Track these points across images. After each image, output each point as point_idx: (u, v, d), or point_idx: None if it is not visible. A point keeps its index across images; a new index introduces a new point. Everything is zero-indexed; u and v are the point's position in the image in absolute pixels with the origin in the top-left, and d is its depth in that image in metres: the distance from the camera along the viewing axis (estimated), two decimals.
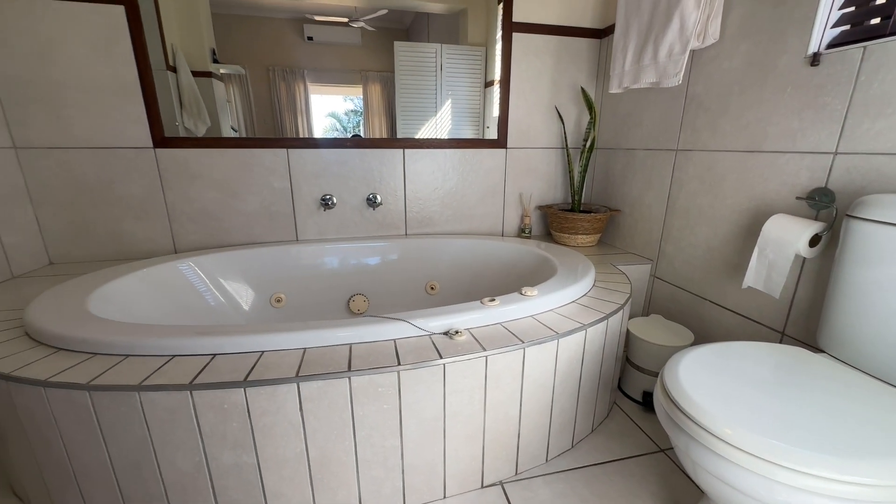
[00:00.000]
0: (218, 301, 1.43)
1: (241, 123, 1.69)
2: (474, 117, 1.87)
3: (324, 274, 1.64)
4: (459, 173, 1.79)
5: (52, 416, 0.78)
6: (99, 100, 1.41)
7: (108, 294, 1.13)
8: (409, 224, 1.80)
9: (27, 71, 1.34)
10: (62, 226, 1.50)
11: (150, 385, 0.75)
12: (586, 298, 1.16)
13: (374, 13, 1.70)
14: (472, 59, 1.81)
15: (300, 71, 1.71)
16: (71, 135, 1.42)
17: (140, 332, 0.87)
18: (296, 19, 1.67)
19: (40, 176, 1.44)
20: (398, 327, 0.92)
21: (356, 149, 1.66)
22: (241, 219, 1.62)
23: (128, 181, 1.50)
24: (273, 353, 0.86)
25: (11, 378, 0.78)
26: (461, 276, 1.69)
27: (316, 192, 1.66)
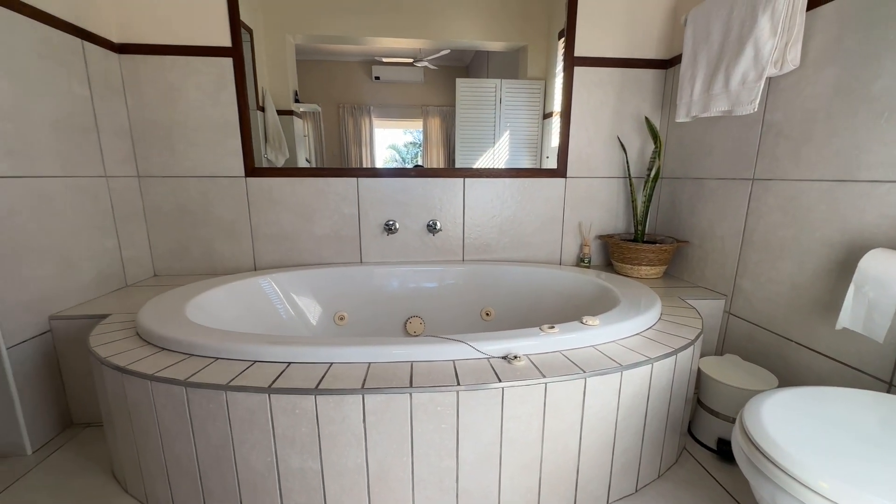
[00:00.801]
0: (290, 315, 1.55)
1: (313, 155, 1.87)
2: (532, 147, 1.91)
3: (384, 295, 1.72)
4: (517, 202, 1.82)
5: (154, 408, 0.89)
6: (206, 136, 1.64)
7: (201, 303, 1.28)
8: (467, 250, 1.84)
9: (154, 113, 1.61)
10: (167, 243, 1.72)
11: (235, 386, 0.83)
12: (652, 332, 1.11)
13: (437, 53, 1.84)
14: (531, 92, 1.87)
15: (367, 107, 1.88)
16: (181, 166, 1.66)
17: (227, 339, 0.97)
18: (366, 62, 1.85)
19: (154, 200, 1.68)
20: (458, 349, 0.94)
21: (419, 178, 1.76)
22: (312, 241, 1.77)
23: (222, 206, 1.71)
24: (341, 365, 0.91)
25: (126, 371, 0.90)
26: (517, 303, 1.69)
27: (381, 217, 1.77)
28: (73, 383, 1.31)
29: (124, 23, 1.53)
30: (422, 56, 1.85)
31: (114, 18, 1.52)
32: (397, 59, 1.86)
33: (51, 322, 1.26)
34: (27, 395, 1.19)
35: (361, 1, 1.71)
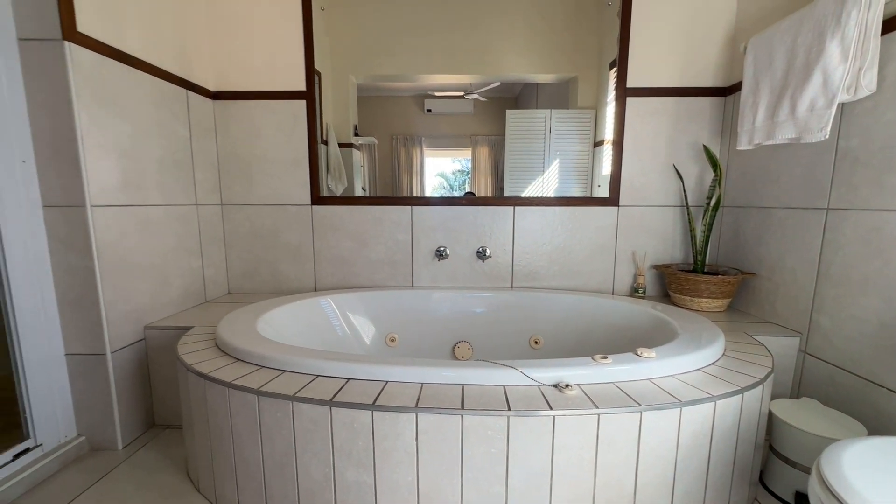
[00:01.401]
0: (346, 333, 1.64)
1: (368, 183, 2.01)
2: (583, 176, 1.92)
3: (433, 319, 1.77)
4: (568, 230, 1.82)
5: (229, 413, 0.98)
6: (279, 169, 1.83)
7: (269, 319, 1.39)
8: (516, 277, 1.86)
9: (238, 149, 1.83)
10: (241, 264, 1.91)
11: (301, 397, 0.91)
12: (715, 368, 1.05)
13: (487, 86, 1.93)
14: (582, 121, 1.90)
15: (418, 138, 2.00)
16: (257, 195, 1.85)
17: (293, 353, 1.06)
18: (419, 96, 1.98)
19: (233, 226, 1.88)
20: (508, 374, 0.95)
21: (469, 206, 1.82)
22: (368, 265, 1.87)
23: (289, 231, 1.87)
24: (396, 383, 0.96)
25: (207, 377, 1.01)
26: (567, 332, 1.66)
27: (432, 244, 1.84)
28: (158, 388, 1.46)
29: (219, 74, 1.78)
30: (472, 89, 1.96)
31: (211, 71, 1.78)
32: (449, 92, 1.98)
33: (145, 331, 1.44)
34: (122, 396, 1.35)
35: (417, 42, 1.86)
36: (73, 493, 1.14)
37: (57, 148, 1.18)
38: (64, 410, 1.30)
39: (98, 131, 1.24)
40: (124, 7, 1.33)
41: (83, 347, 1.29)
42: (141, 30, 1.40)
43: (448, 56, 1.86)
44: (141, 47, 1.40)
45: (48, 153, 1.19)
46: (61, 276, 1.25)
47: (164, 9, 1.51)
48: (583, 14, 1.80)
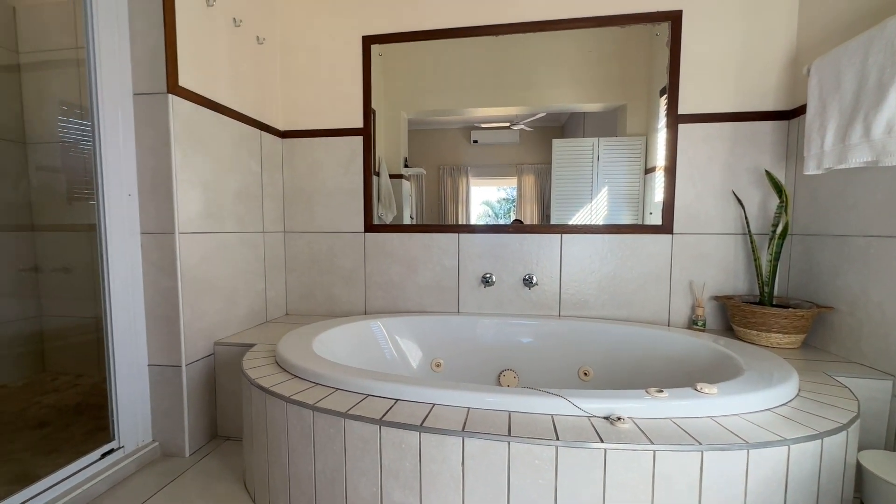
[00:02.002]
0: (393, 356, 1.68)
1: (415, 212, 2.10)
2: (633, 203, 1.88)
3: (478, 346, 1.77)
4: (618, 258, 1.78)
5: (286, 426, 1.04)
6: (337, 199, 1.97)
7: (324, 340, 1.47)
8: (564, 305, 1.82)
9: (301, 182, 2.00)
10: (298, 287, 2.04)
11: (352, 414, 0.95)
12: (787, 409, 0.96)
13: (533, 117, 1.98)
14: (632, 148, 1.88)
15: (464, 167, 2.07)
16: (316, 223, 2.00)
17: (346, 372, 1.11)
18: (465, 128, 2.07)
19: (293, 252, 2.03)
20: (556, 403, 0.94)
21: (516, 234, 1.84)
22: (416, 290, 1.93)
23: (343, 257, 1.99)
24: (443, 406, 0.97)
25: (269, 391, 1.09)
26: (618, 364, 1.59)
27: (478, 270, 1.87)
28: (222, 401, 1.58)
29: (288, 116, 1.98)
30: (518, 120, 2.01)
31: (281, 113, 1.99)
32: (495, 124, 2.05)
33: (215, 347, 1.57)
34: (192, 407, 1.47)
35: (465, 79, 1.96)
36: (147, 494, 1.25)
37: (156, 183, 1.37)
38: (143, 417, 1.44)
39: (188, 168, 1.43)
40: (216, 63, 1.55)
41: (163, 359, 1.43)
42: (227, 81, 1.61)
43: (495, 90, 1.95)
44: (227, 96, 1.61)
45: (149, 187, 1.38)
46: (150, 294, 1.41)
47: (246, 63, 1.73)
48: (630, 45, 1.82)
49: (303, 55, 1.96)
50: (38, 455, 1.46)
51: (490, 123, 2.06)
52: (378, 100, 1.98)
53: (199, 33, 1.46)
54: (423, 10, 1.86)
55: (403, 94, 2.03)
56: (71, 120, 2.25)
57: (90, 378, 2.20)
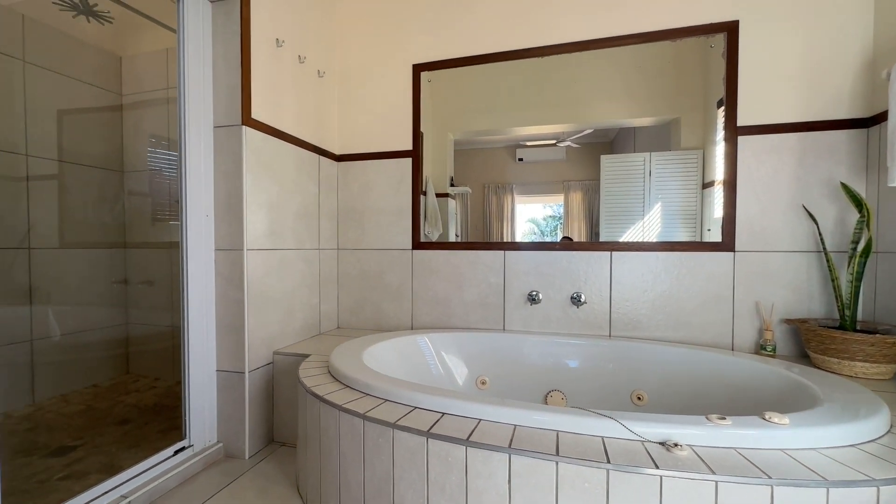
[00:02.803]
0: (439, 371, 1.70)
1: (460, 230, 2.13)
2: (689, 219, 1.79)
3: (524, 365, 1.74)
4: (673, 277, 1.69)
5: (338, 434, 1.09)
6: (386, 218, 2.06)
7: (373, 352, 1.53)
8: (614, 325, 1.76)
9: (354, 202, 2.12)
10: (349, 302, 2.14)
11: (401, 425, 0.97)
12: (876, 446, 0.86)
13: (579, 133, 1.96)
14: (686, 162, 1.81)
15: (509, 185, 2.08)
16: (366, 240, 2.10)
17: (394, 384, 1.15)
18: (511, 146, 2.09)
19: (345, 268, 2.14)
20: (606, 425, 0.91)
21: (563, 251, 1.82)
22: (461, 307, 1.95)
23: (391, 273, 2.06)
24: (489, 423, 0.98)
25: (323, 399, 1.15)
26: (676, 389, 1.50)
27: (524, 287, 1.86)
28: (279, 407, 1.67)
29: (344, 140, 2.13)
30: (565, 137, 2.01)
31: (337, 139, 2.14)
32: (540, 142, 2.05)
33: (273, 356, 1.68)
34: (252, 412, 1.57)
35: (512, 100, 2.00)
36: (211, 492, 1.34)
37: (229, 205, 1.53)
38: (210, 419, 1.56)
39: (256, 190, 1.57)
40: (282, 96, 1.71)
41: (229, 365, 1.55)
42: (291, 112, 1.77)
43: (541, 109, 1.97)
44: (290, 125, 1.77)
45: (223, 209, 1.54)
46: (221, 305, 1.55)
47: (308, 95, 1.89)
48: (682, 58, 1.78)
49: (358, 85, 2.11)
50: (122, 448, 1.62)
51: (535, 141, 2.07)
52: (426, 122, 2.06)
53: (269, 71, 1.63)
54: (469, 37, 1.94)
55: (450, 116, 2.11)
56: (158, 151, 2.56)
57: (165, 381, 2.42)
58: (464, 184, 2.14)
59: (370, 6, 2.09)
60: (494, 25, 1.91)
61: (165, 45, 2.38)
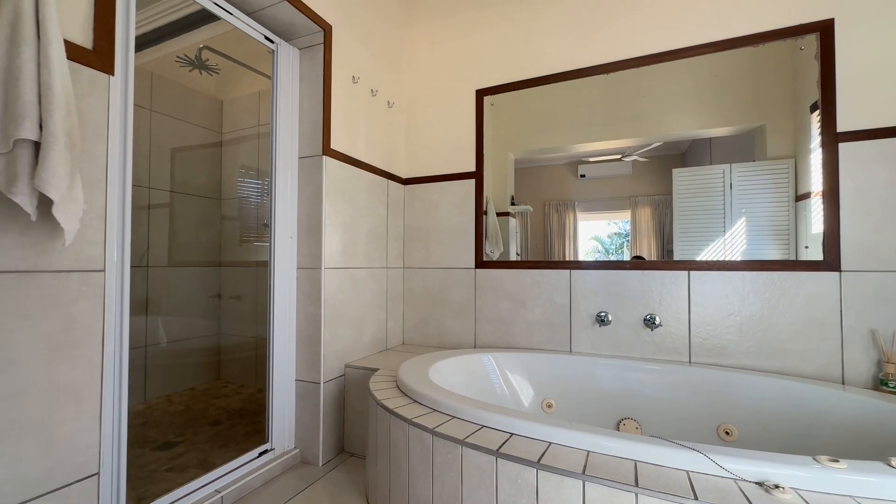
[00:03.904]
0: (504, 392, 1.68)
1: (521, 248, 2.11)
2: (780, 235, 1.63)
3: (593, 389, 1.67)
4: (765, 299, 1.54)
5: (408, 447, 1.12)
6: (450, 237, 2.12)
7: (438, 369, 1.56)
8: (694, 351, 1.62)
9: (419, 222, 2.21)
10: (414, 319, 2.20)
11: (469, 443, 0.98)
12: None
13: (647, 147, 1.87)
14: (775, 173, 1.65)
15: (571, 203, 2.02)
16: (431, 259, 2.17)
17: (462, 402, 1.16)
18: (572, 162, 2.04)
19: (410, 286, 2.22)
20: (692, 458, 0.84)
21: (634, 270, 1.73)
22: (525, 326, 1.92)
23: (455, 291, 2.10)
24: (559, 446, 0.95)
25: (393, 413, 1.19)
26: (771, 425, 1.34)
27: (592, 308, 1.79)
28: (350, 419, 1.75)
29: (410, 164, 2.25)
30: (631, 151, 1.93)
31: (404, 163, 2.26)
32: (604, 157, 1.99)
33: (345, 369, 1.77)
34: (326, 421, 1.67)
35: (574, 117, 1.97)
36: (289, 495, 1.43)
37: (310, 227, 1.68)
38: (289, 425, 1.68)
39: (333, 214, 1.71)
40: (356, 127, 1.87)
41: (306, 376, 1.67)
42: (364, 140, 1.92)
43: (605, 125, 1.92)
44: (363, 152, 1.91)
45: (305, 231, 1.69)
46: (301, 319, 1.69)
47: (379, 124, 2.04)
48: (767, 63, 1.65)
49: (424, 112, 2.23)
50: (214, 447, 1.79)
51: (598, 157, 2.01)
52: (486, 142, 2.11)
53: (345, 105, 1.79)
54: (533, 60, 1.98)
55: (511, 136, 2.13)
56: (246, 180, 2.89)
57: (248, 388, 2.65)
58: (524, 202, 2.14)
59: (436, 37, 2.22)
60: (559, 47, 1.93)
61: (258, 88, 2.72)
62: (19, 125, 0.72)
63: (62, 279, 0.89)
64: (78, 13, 0.93)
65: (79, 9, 0.93)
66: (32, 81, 0.75)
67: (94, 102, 0.95)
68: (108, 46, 0.98)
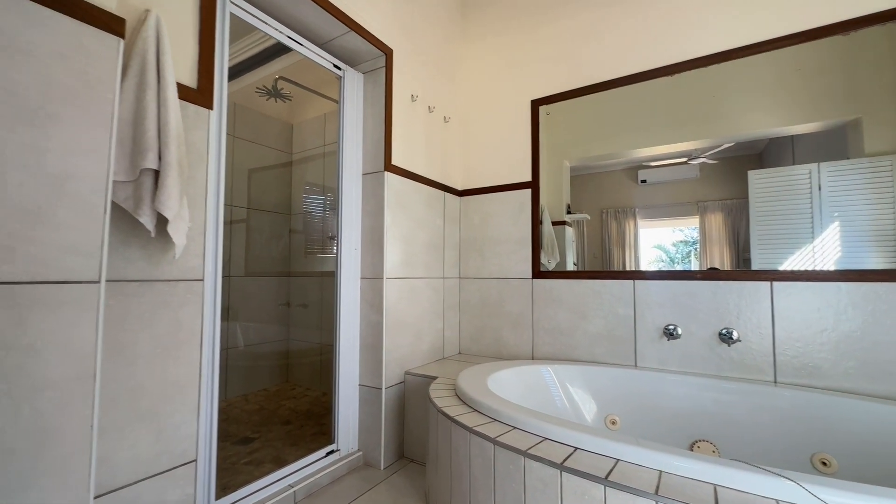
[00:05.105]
0: (564, 405, 1.64)
1: (578, 258, 2.04)
2: (884, 242, 1.44)
3: (663, 407, 1.57)
4: (866, 313, 1.37)
5: (469, 456, 1.13)
6: (506, 248, 2.12)
7: (497, 379, 1.56)
8: (781, 370, 1.48)
9: (474, 233, 2.24)
10: (470, 329, 2.22)
11: (532, 454, 0.97)
12: None
13: (717, 148, 1.75)
14: (874, 171, 1.48)
15: (631, 210, 1.93)
16: (486, 269, 2.18)
17: (523, 413, 1.15)
18: (632, 168, 1.95)
19: (466, 296, 2.24)
20: (782, 486, 0.77)
21: (706, 280, 1.62)
22: (586, 338, 1.86)
23: (511, 301, 2.09)
24: (628, 464, 0.91)
25: (454, 420, 1.21)
26: (881, 458, 1.17)
27: (659, 321, 1.70)
28: (410, 425, 1.80)
29: (466, 176, 2.29)
30: (698, 153, 1.81)
31: (460, 176, 2.31)
32: (667, 161, 1.88)
33: (405, 376, 1.83)
34: (388, 426, 1.73)
35: (632, 121, 1.89)
36: (353, 495, 1.50)
37: (373, 239, 1.77)
38: (353, 428, 1.76)
39: (394, 226, 1.79)
40: (415, 143, 1.95)
41: (369, 381, 1.75)
42: (422, 155, 2.00)
43: (668, 128, 1.83)
44: (421, 166, 1.99)
45: (368, 243, 1.78)
46: (364, 327, 1.77)
47: (435, 138, 2.11)
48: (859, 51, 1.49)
49: (479, 125, 2.27)
50: (286, 445, 1.92)
51: (661, 161, 1.91)
52: (542, 152, 2.09)
53: (405, 122, 1.88)
54: (591, 66, 1.95)
55: (567, 143, 2.10)
56: (311, 196, 3.11)
57: (313, 391, 2.81)
58: (580, 210, 2.08)
59: (490, 50, 2.27)
60: (619, 51, 1.89)
61: (324, 111, 2.93)
62: (145, 157, 0.85)
63: (171, 287, 1.02)
64: (186, 58, 1.08)
65: (187, 54, 1.09)
66: (154, 119, 0.89)
67: (198, 134, 1.10)
68: (209, 84, 1.13)
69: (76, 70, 0.71)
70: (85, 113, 0.72)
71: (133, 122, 0.87)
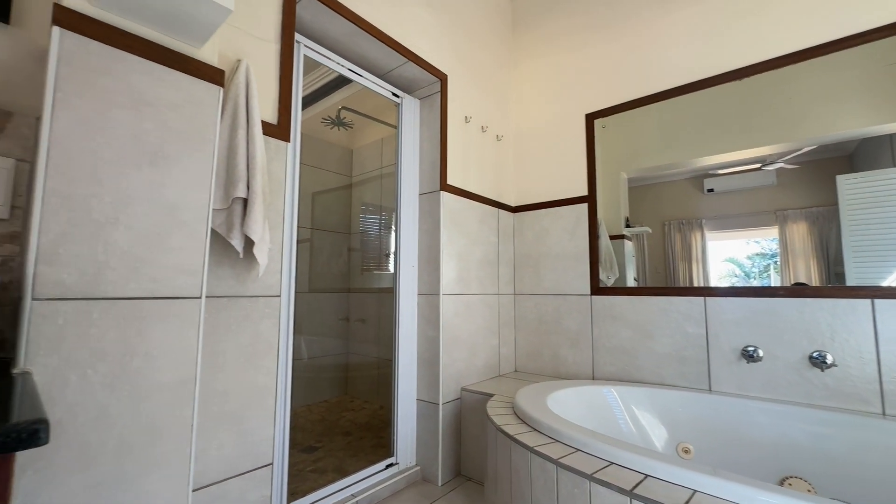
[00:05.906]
0: (630, 429, 1.55)
1: (639, 273, 1.94)
2: None
3: (743, 437, 1.43)
4: None
5: (530, 477, 1.11)
6: (562, 263, 2.08)
7: (557, 398, 1.52)
8: (889, 401, 1.29)
9: (529, 248, 2.22)
10: (526, 346, 2.19)
11: (599, 479, 0.94)
12: None
13: (797, 152, 1.60)
14: None
15: (697, 221, 1.80)
16: (542, 286, 2.15)
17: (587, 434, 1.11)
18: (696, 176, 1.83)
19: (522, 312, 2.22)
20: None
21: (790, 298, 1.48)
22: (652, 358, 1.76)
23: (569, 319, 2.03)
24: (707, 496, 0.85)
25: (514, 439, 1.20)
26: None
27: (736, 341, 1.57)
28: (466, 443, 1.79)
29: (519, 193, 2.30)
30: (774, 158, 1.66)
31: (514, 193, 2.32)
32: (736, 168, 1.75)
33: (461, 392, 1.84)
34: (445, 442, 1.73)
35: (695, 129, 1.79)
36: None
37: (429, 257, 1.82)
38: (411, 442, 1.79)
39: (449, 244, 1.84)
40: (469, 162, 2.00)
41: (427, 396, 1.77)
42: (475, 173, 2.04)
43: (740, 133, 1.71)
44: (475, 185, 2.03)
45: (424, 260, 1.84)
46: (422, 342, 1.82)
47: (488, 157, 2.15)
48: None
49: (532, 141, 2.28)
50: (347, 455, 1.99)
51: (730, 168, 1.77)
52: (597, 164, 2.04)
53: (459, 143, 1.94)
54: (647, 76, 1.90)
55: (624, 155, 2.03)
56: (368, 216, 3.26)
57: (371, 404, 2.90)
58: (640, 223, 1.98)
59: (542, 66, 2.29)
60: (678, 58, 1.83)
61: (381, 135, 3.10)
62: (236, 187, 0.97)
63: (254, 302, 1.13)
64: (269, 98, 1.22)
65: (269, 95, 1.22)
66: (244, 154, 1.01)
67: (278, 165, 1.23)
68: (287, 120, 1.26)
69: (187, 116, 0.84)
70: (193, 152, 0.84)
71: (227, 156, 1.00)
